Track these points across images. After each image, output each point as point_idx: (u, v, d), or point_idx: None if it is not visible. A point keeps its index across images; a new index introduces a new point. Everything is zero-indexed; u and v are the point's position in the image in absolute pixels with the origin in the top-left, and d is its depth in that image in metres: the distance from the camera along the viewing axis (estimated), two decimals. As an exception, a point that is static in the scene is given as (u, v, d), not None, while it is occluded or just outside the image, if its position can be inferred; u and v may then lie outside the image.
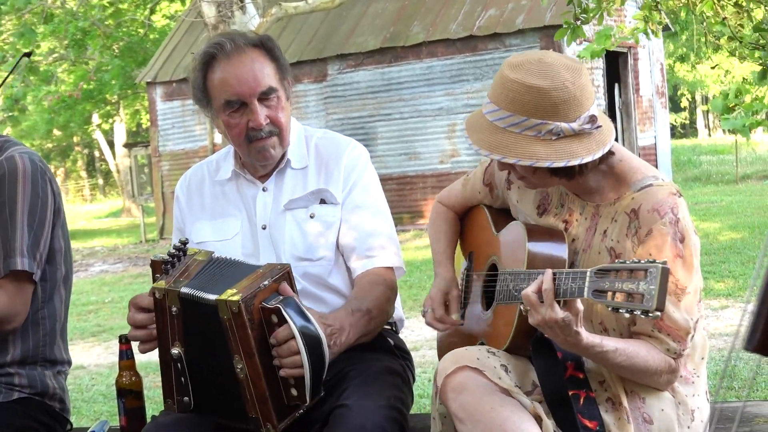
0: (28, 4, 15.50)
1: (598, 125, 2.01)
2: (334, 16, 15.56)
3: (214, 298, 2.02)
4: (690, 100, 39.98)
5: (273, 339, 2.04)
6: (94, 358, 7.42)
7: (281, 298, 2.06)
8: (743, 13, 5.69)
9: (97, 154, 37.17)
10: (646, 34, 5.88)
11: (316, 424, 2.20)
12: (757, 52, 5.43)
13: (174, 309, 2.08)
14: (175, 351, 2.10)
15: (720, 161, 21.44)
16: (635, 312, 1.71)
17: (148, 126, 21.30)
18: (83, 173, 38.79)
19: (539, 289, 1.87)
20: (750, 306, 1.29)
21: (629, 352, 1.96)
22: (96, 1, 18.67)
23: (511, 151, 2.00)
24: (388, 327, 2.55)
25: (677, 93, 37.52)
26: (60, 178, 36.81)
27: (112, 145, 30.29)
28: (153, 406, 4.72)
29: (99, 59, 19.67)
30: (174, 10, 22.73)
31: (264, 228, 2.45)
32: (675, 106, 37.88)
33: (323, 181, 2.46)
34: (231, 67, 2.35)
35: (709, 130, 40.49)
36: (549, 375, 2.03)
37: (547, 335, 1.94)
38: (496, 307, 2.20)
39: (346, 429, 2.08)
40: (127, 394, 2.52)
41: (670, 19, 16.13)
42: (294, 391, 2.06)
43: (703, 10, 5.80)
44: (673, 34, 19.59)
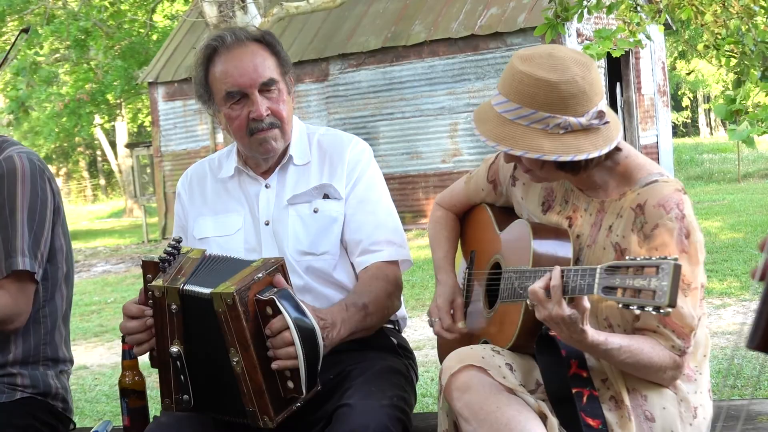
0: (28, 4, 15.53)
1: (605, 121, 2.01)
2: (336, 15, 15.56)
3: (209, 291, 2.02)
4: (692, 98, 39.98)
5: (267, 330, 2.04)
6: (96, 358, 7.42)
7: (276, 290, 2.06)
8: (720, 22, 5.71)
9: (99, 154, 37.18)
10: (639, 43, 5.98)
11: (319, 423, 2.19)
12: (732, 59, 5.47)
13: (174, 307, 2.08)
14: (174, 349, 2.10)
15: (722, 160, 21.42)
16: (647, 308, 1.70)
17: (150, 126, 21.30)
18: (85, 174, 38.82)
19: (547, 285, 1.86)
20: (753, 305, 1.29)
21: (634, 349, 1.96)
22: (97, 2, 18.68)
23: (518, 143, 1.99)
24: (391, 326, 2.54)
25: (679, 92, 37.52)
26: (62, 179, 36.86)
27: (114, 145, 30.31)
28: (156, 405, 4.69)
29: (103, 59, 19.68)
30: (175, 10, 22.75)
31: (267, 224, 2.45)
32: (677, 105, 37.88)
33: (327, 177, 2.45)
34: (232, 59, 2.35)
35: (710, 128, 40.46)
36: (552, 372, 2.03)
37: (553, 331, 1.93)
38: (500, 305, 2.19)
39: (349, 428, 2.08)
40: (130, 394, 2.52)
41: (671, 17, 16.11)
42: (290, 383, 2.06)
43: (680, 17, 5.87)
44: (674, 32, 19.58)
